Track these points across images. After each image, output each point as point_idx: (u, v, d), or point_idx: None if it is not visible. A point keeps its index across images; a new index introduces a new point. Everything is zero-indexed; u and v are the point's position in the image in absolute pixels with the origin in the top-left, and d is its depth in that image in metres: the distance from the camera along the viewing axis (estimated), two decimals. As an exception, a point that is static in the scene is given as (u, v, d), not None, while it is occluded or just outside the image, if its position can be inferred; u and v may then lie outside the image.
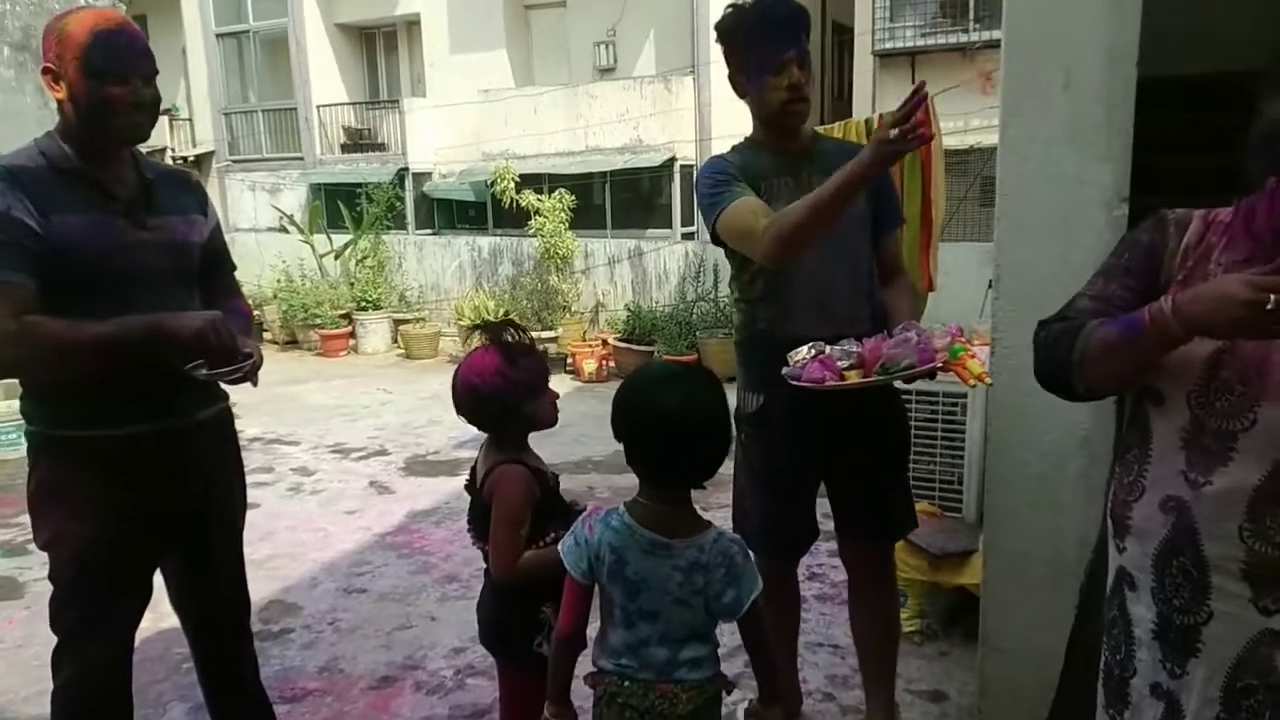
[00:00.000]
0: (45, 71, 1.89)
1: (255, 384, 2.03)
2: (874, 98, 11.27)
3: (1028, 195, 2.26)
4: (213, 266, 2.18)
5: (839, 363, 2.03)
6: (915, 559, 3.28)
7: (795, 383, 2.06)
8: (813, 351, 2.09)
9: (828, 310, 2.24)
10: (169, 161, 15.50)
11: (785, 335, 2.21)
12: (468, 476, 2.11)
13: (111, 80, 1.85)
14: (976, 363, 1.95)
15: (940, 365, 1.95)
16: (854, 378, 2.01)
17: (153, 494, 2.00)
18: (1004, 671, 2.44)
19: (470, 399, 1.98)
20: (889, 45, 11.14)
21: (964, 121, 9.12)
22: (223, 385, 2.14)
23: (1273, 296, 1.15)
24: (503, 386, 1.93)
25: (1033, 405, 2.18)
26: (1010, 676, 2.40)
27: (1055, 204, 2.23)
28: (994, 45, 9.94)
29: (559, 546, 1.75)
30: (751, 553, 1.73)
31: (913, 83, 10.19)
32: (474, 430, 2.07)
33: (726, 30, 2.27)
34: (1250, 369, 1.30)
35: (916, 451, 3.88)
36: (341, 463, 5.93)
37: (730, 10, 2.27)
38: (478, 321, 2.23)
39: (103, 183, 1.93)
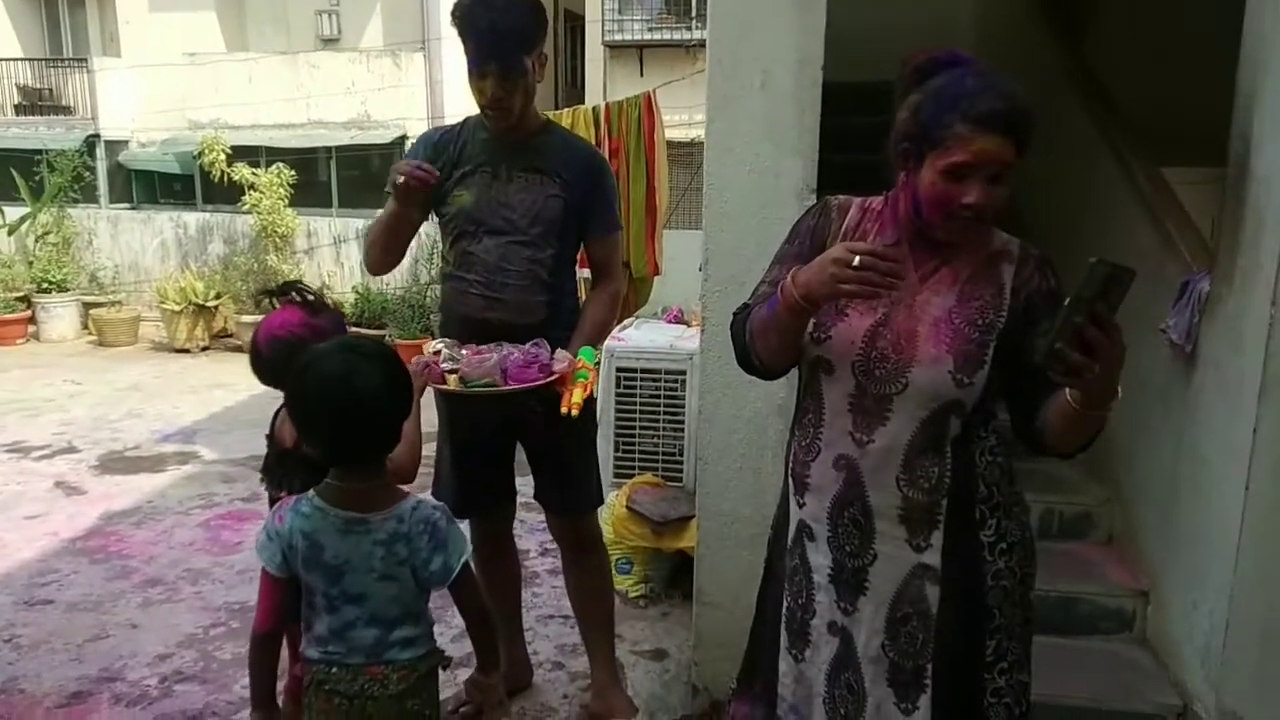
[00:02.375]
0: None
1: None
2: (605, 86, 11.58)
3: (730, 186, 2.44)
4: None
5: (442, 365, 2.19)
6: (639, 527, 3.45)
7: None
8: (437, 348, 2.25)
9: (496, 296, 2.34)
10: None
11: (456, 315, 2.39)
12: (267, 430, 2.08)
13: None
14: (580, 392, 2.18)
15: (528, 386, 2.16)
16: (452, 383, 2.17)
17: None
18: (716, 625, 2.63)
19: (278, 354, 1.90)
20: (618, 37, 11.48)
21: (688, 115, 9.58)
22: None
23: (857, 256, 1.33)
24: (310, 337, 1.88)
25: (737, 379, 2.36)
26: (721, 629, 2.59)
27: (755, 194, 2.43)
28: (713, 44, 10.57)
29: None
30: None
31: (640, 75, 10.45)
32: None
33: (453, 19, 2.27)
34: (901, 339, 1.48)
35: (642, 426, 4.07)
36: (20, 463, 5.25)
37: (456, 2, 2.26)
38: (263, 289, 2.13)
39: None
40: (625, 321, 4.68)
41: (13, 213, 10.07)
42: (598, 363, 2.21)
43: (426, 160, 2.32)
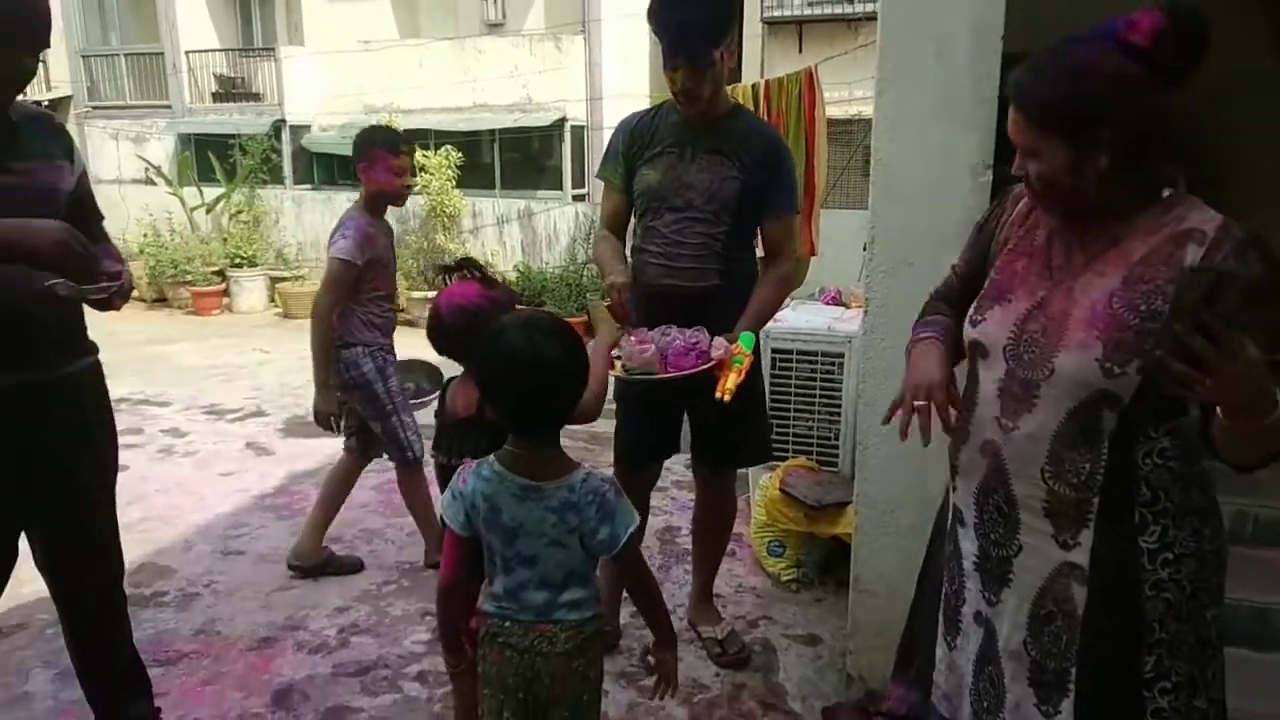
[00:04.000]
0: None
1: (119, 306, 1.97)
2: (762, 63, 11.42)
3: (900, 163, 2.36)
4: (80, 216, 2.05)
5: (614, 352, 2.35)
6: (793, 511, 3.42)
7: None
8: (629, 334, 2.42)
9: (672, 265, 2.57)
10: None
11: (640, 284, 2.59)
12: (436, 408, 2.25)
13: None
14: (734, 378, 2.28)
15: (684, 374, 2.30)
16: (617, 367, 2.34)
17: (7, 454, 1.91)
18: (872, 614, 2.58)
19: (459, 322, 2.07)
20: (777, 13, 11.28)
21: (848, 92, 9.35)
22: (92, 339, 2.09)
23: (923, 399, 1.50)
24: (489, 309, 2.04)
25: (900, 363, 2.29)
26: (878, 618, 2.54)
27: (926, 171, 2.34)
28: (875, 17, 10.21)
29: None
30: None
31: (799, 51, 10.23)
32: None
33: (648, 15, 2.43)
34: (1052, 323, 1.41)
35: (797, 408, 4.03)
36: (216, 424, 5.73)
37: None
38: (439, 267, 2.32)
39: None
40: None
41: (210, 194, 10.95)
42: (757, 347, 2.25)
43: (622, 147, 2.63)
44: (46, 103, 14.58)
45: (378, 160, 3.26)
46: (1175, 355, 1.14)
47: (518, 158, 11.88)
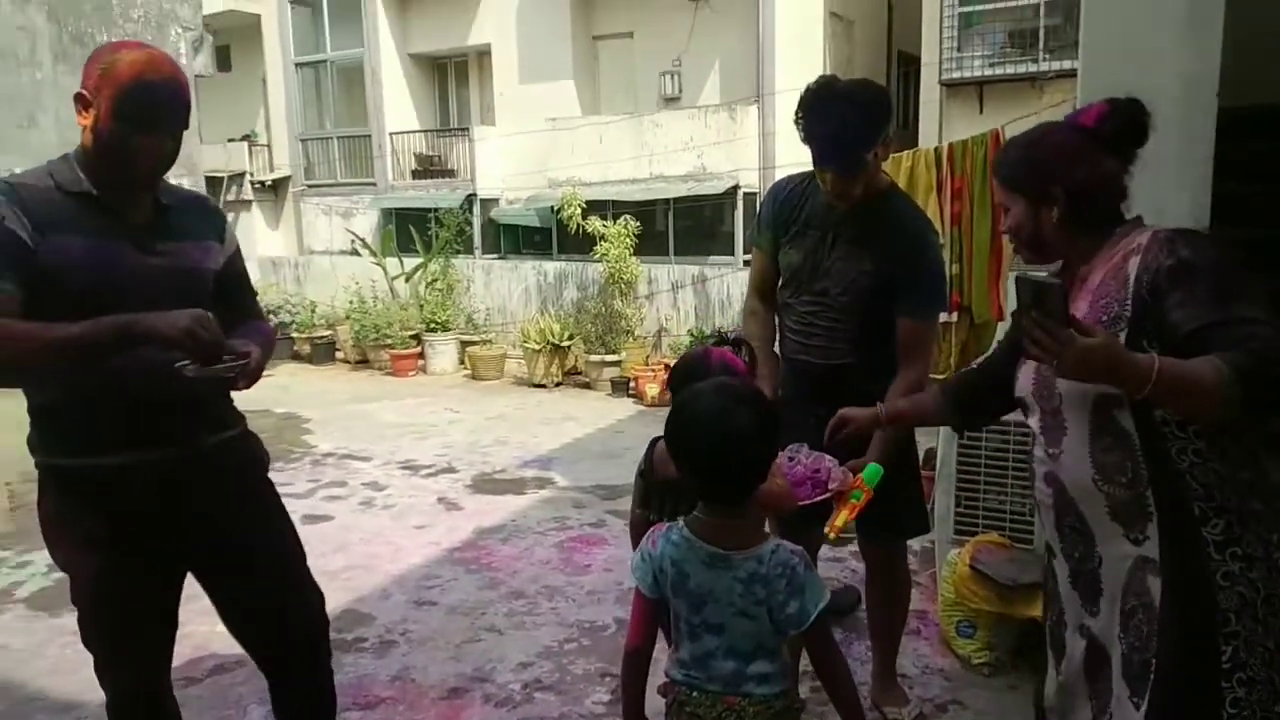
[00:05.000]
0: (79, 97, 1.83)
1: (247, 386, 1.91)
2: (940, 127, 11.22)
3: (1106, 225, 2.26)
4: (231, 292, 2.12)
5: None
6: (984, 590, 3.26)
7: None
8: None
9: (806, 343, 2.63)
10: (248, 186, 16.20)
11: (782, 353, 2.72)
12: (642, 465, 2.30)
13: (141, 130, 1.81)
14: (846, 515, 2.14)
15: (802, 504, 2.15)
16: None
17: (151, 527, 1.93)
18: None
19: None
20: (956, 75, 11.09)
21: (1033, 151, 8.98)
22: (237, 409, 2.14)
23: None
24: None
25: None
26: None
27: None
28: (1065, 75, 9.85)
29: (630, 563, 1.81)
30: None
31: (980, 112, 10.00)
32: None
33: (795, 120, 2.43)
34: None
35: (987, 481, 3.86)
36: (411, 479, 6.07)
37: (801, 97, 2.40)
38: (717, 332, 2.47)
39: (112, 207, 1.88)
40: (966, 369, 4.48)
41: (409, 263, 11.77)
42: (880, 483, 2.15)
43: (771, 218, 2.65)
44: (270, 182, 16.23)
45: None
46: (1031, 344, 1.40)
47: (691, 225, 12.12)
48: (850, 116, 2.31)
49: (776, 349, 2.77)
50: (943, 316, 4.26)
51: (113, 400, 1.86)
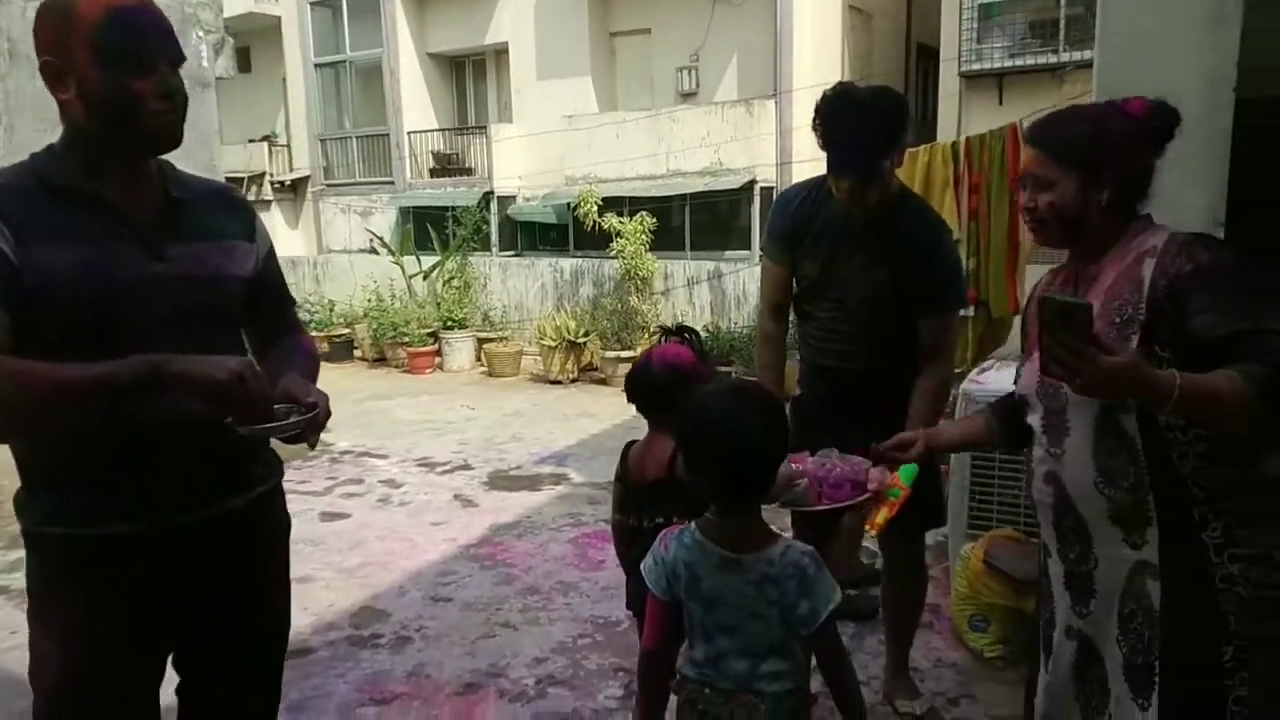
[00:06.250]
0: (45, 67, 1.48)
1: (313, 445, 1.62)
2: (960, 119, 11.13)
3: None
4: (266, 303, 1.80)
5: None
6: (998, 584, 3.24)
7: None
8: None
9: (826, 347, 2.65)
10: (268, 186, 16.30)
11: (804, 359, 2.75)
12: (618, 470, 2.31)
13: (134, 69, 1.46)
14: (885, 512, 2.07)
15: (838, 507, 2.10)
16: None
17: (153, 605, 1.59)
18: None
19: (668, 379, 2.15)
20: (975, 66, 11.00)
21: (1053, 144, 8.90)
22: (276, 451, 1.78)
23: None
24: (697, 375, 2.14)
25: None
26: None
27: (1149, 226, 2.21)
28: (1085, 66, 9.74)
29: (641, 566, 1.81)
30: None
31: (999, 104, 9.94)
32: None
33: (813, 125, 2.40)
34: None
35: (1001, 476, 3.83)
36: (428, 476, 6.10)
37: (818, 104, 2.38)
38: (660, 327, 2.44)
39: (110, 202, 1.52)
40: (984, 363, 4.45)
41: (426, 261, 11.83)
42: (916, 479, 2.11)
43: (785, 230, 2.60)
44: (289, 182, 16.36)
45: None
46: (1053, 363, 1.37)
47: (707, 220, 12.11)
48: (869, 124, 2.30)
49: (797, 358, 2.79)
50: (960, 312, 4.25)
51: (129, 455, 1.51)
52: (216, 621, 1.70)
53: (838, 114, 2.31)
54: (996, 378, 4.05)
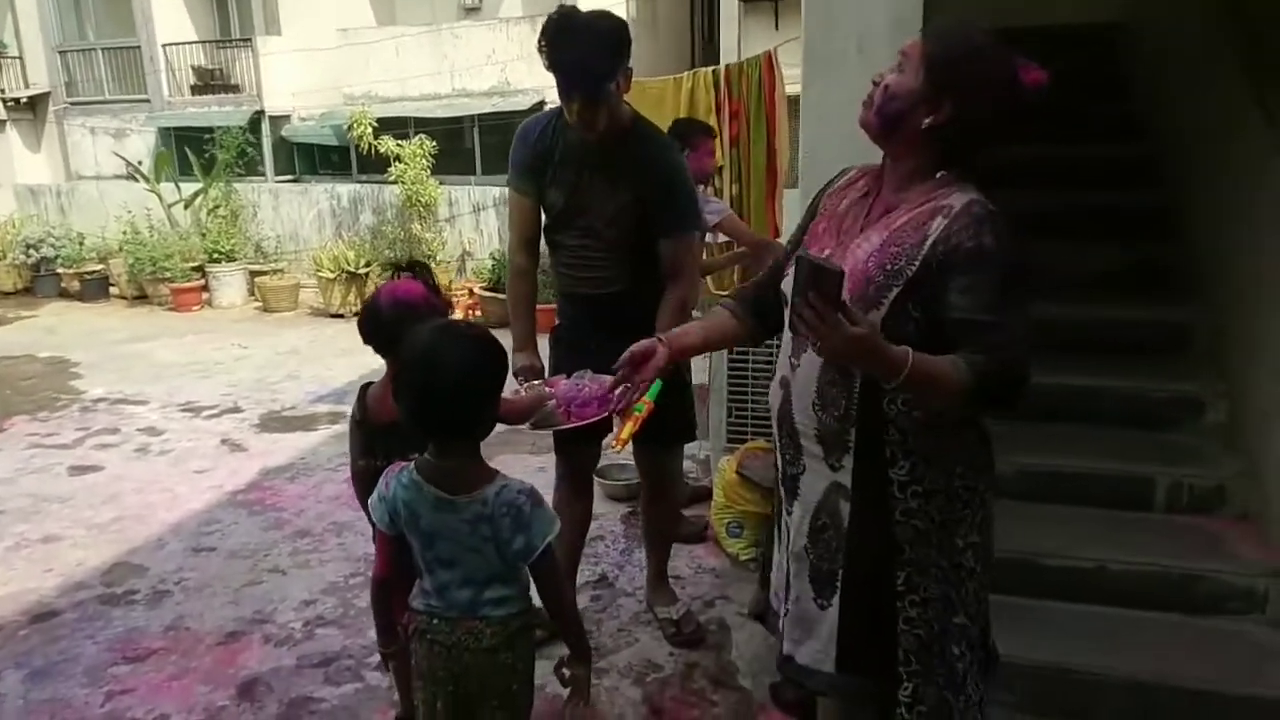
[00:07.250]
0: None
1: None
2: (739, 42, 11.37)
3: (825, 153, 2.40)
4: None
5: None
6: (751, 493, 3.49)
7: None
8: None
9: (580, 275, 2.71)
10: (0, 105, 14.39)
11: (557, 287, 2.82)
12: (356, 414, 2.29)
13: None
14: (630, 427, 2.11)
15: (584, 424, 2.23)
16: None
17: None
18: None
19: (395, 316, 2.06)
20: (752, -10, 11.21)
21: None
22: None
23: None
24: (428, 310, 2.08)
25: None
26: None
27: (850, 162, 2.38)
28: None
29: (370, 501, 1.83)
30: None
31: (776, 29, 10.14)
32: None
33: (539, 48, 2.42)
34: None
35: (755, 390, 4.08)
36: (192, 421, 5.78)
37: (543, 27, 2.38)
38: (390, 264, 2.32)
39: None
40: (754, 278, 4.66)
41: (188, 189, 10.94)
42: (660, 393, 2.16)
43: (528, 162, 2.64)
44: (25, 100, 14.51)
45: (701, 146, 3.77)
46: (799, 321, 1.41)
47: (496, 141, 11.85)
48: (591, 45, 2.36)
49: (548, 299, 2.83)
50: (721, 236, 4.42)
51: None
52: None
53: (562, 37, 2.35)
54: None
